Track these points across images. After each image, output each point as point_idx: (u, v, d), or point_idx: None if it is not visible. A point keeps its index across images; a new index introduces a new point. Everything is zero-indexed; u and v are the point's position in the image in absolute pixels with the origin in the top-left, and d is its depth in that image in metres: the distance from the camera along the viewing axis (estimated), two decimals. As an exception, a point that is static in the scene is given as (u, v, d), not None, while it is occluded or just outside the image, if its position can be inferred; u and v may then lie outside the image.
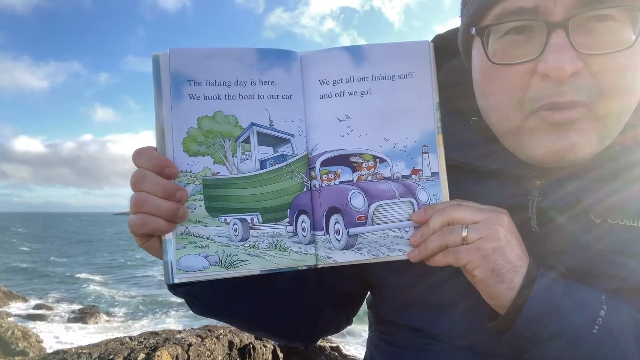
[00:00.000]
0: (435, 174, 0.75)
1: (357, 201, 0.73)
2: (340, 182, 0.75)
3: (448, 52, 0.85)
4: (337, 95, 0.74)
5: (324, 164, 0.75)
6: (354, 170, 0.75)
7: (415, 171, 0.75)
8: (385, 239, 0.74)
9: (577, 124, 0.64)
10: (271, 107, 0.73)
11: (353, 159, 0.75)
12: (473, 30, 0.69)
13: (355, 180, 0.75)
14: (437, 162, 0.75)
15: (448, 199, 0.75)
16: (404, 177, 0.75)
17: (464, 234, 0.65)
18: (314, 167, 0.75)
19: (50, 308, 13.69)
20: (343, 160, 0.75)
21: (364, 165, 0.75)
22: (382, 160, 0.75)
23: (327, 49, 0.76)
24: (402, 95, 0.75)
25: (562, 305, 0.63)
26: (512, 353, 0.72)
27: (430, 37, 0.91)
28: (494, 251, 0.64)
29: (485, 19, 0.68)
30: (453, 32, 0.85)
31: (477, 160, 0.76)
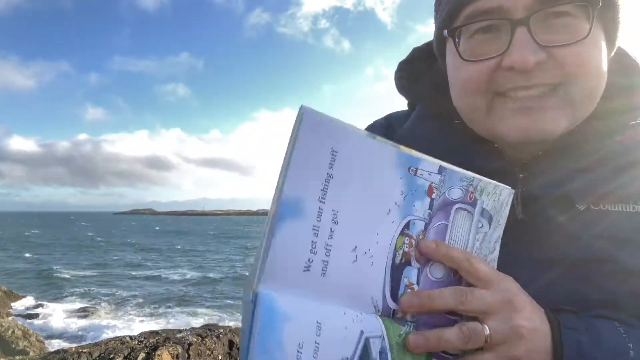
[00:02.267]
0: None
1: None
2: None
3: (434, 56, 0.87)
4: None
5: None
6: None
7: None
8: None
9: (544, 103, 0.68)
10: None
11: None
12: (445, 32, 0.73)
13: None
14: None
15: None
16: None
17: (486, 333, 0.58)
18: None
19: (50, 307, 13.70)
20: None
21: None
22: None
23: None
24: None
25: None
26: None
27: (421, 38, 0.92)
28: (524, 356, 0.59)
29: (456, 21, 0.72)
30: None
31: (465, 161, 0.78)
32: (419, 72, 0.91)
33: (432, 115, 0.85)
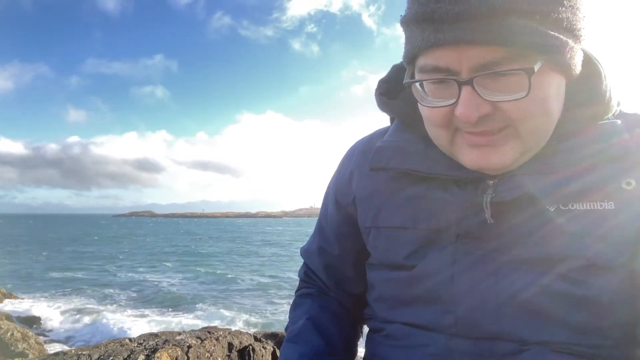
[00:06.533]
0: None
1: None
2: None
3: None
4: None
5: None
6: None
7: None
8: None
9: (492, 142, 0.73)
10: None
11: None
12: (405, 80, 0.79)
13: None
14: None
15: None
16: None
17: None
18: None
19: (50, 309, 13.68)
20: None
21: None
22: None
23: None
24: None
25: None
26: (500, 336, 0.77)
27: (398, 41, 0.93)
28: None
29: (413, 64, 0.77)
30: None
31: (442, 171, 0.83)
32: (398, 88, 0.95)
33: (409, 128, 0.89)
